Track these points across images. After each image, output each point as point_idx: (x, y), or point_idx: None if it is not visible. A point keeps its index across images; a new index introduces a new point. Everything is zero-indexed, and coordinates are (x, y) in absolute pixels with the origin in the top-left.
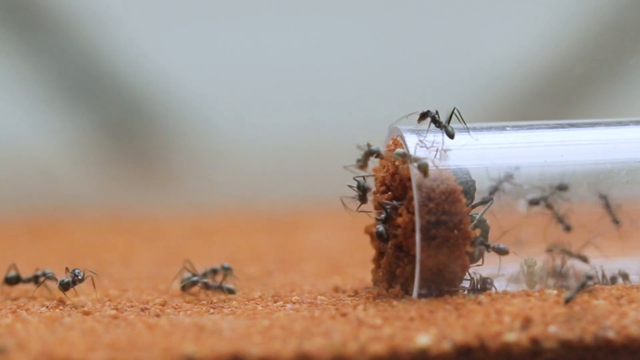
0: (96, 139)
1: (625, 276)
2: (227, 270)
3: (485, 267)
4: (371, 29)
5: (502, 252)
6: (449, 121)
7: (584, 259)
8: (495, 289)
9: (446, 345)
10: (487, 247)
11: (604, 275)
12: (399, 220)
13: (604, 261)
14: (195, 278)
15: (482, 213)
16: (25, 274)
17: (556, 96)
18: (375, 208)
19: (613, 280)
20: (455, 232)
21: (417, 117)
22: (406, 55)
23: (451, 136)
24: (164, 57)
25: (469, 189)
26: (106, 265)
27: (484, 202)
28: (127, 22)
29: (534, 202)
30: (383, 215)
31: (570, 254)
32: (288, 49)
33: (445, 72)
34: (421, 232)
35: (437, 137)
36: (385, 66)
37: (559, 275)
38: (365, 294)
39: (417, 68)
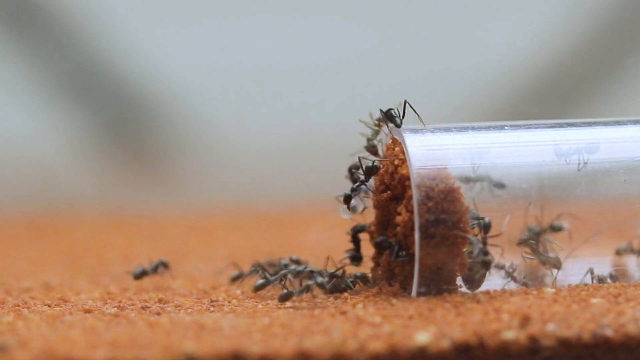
0: (97, 138)
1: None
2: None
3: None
4: (371, 29)
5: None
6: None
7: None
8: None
9: (445, 343)
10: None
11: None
12: (399, 218)
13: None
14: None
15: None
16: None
17: (554, 95)
18: (375, 207)
19: (602, 280)
20: (454, 230)
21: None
22: (406, 54)
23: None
24: (164, 57)
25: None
26: (107, 264)
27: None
28: (127, 21)
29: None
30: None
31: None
32: (288, 49)
33: (445, 72)
34: (420, 231)
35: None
36: (385, 66)
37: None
38: (364, 292)
39: (417, 68)
